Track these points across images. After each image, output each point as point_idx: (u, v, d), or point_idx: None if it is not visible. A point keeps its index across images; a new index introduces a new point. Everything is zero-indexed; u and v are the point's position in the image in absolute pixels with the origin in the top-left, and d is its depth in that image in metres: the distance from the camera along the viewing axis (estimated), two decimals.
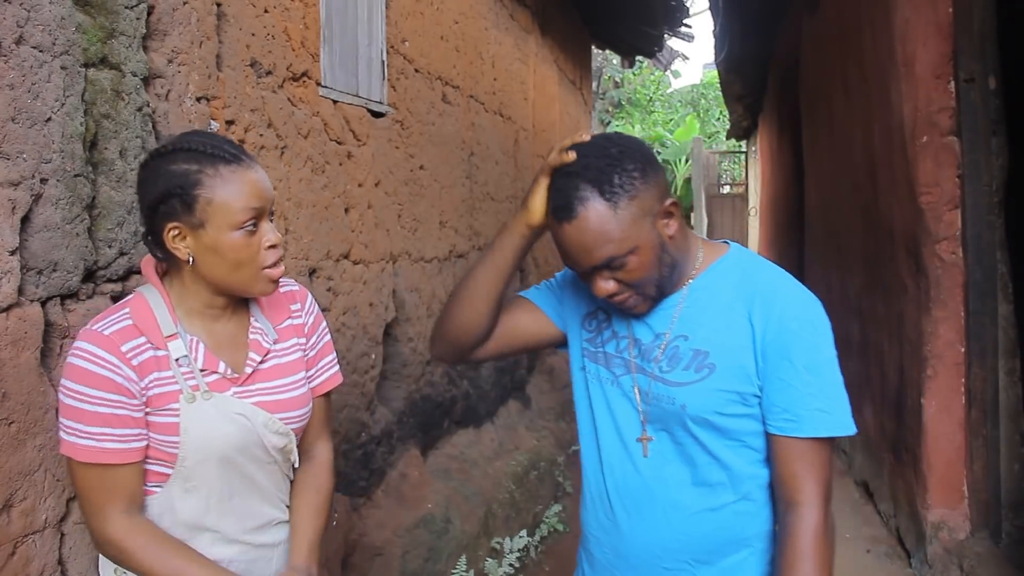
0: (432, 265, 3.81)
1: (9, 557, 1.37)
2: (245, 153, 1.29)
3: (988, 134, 3.07)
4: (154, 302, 1.28)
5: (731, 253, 1.35)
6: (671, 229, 1.26)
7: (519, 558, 3.61)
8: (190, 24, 1.93)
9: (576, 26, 8.08)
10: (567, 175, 1.23)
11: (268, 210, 1.28)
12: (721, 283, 1.31)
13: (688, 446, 1.30)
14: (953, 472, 3.19)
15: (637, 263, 1.23)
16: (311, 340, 1.46)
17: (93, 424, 1.20)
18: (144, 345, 1.24)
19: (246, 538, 1.36)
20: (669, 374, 1.30)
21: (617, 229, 1.20)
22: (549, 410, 5.64)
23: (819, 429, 1.23)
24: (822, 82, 5.19)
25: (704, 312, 1.30)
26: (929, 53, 3.13)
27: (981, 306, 3.10)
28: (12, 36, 1.37)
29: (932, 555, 3.18)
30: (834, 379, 1.25)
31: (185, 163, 1.22)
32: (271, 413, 1.34)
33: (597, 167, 1.21)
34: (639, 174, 1.21)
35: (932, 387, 3.20)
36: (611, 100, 17.89)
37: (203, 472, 1.29)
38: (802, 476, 1.24)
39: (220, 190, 1.22)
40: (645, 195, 1.22)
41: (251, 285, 1.29)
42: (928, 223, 3.15)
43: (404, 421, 3.44)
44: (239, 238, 1.24)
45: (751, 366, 1.26)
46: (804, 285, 1.31)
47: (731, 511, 1.31)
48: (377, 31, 3.15)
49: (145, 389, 1.24)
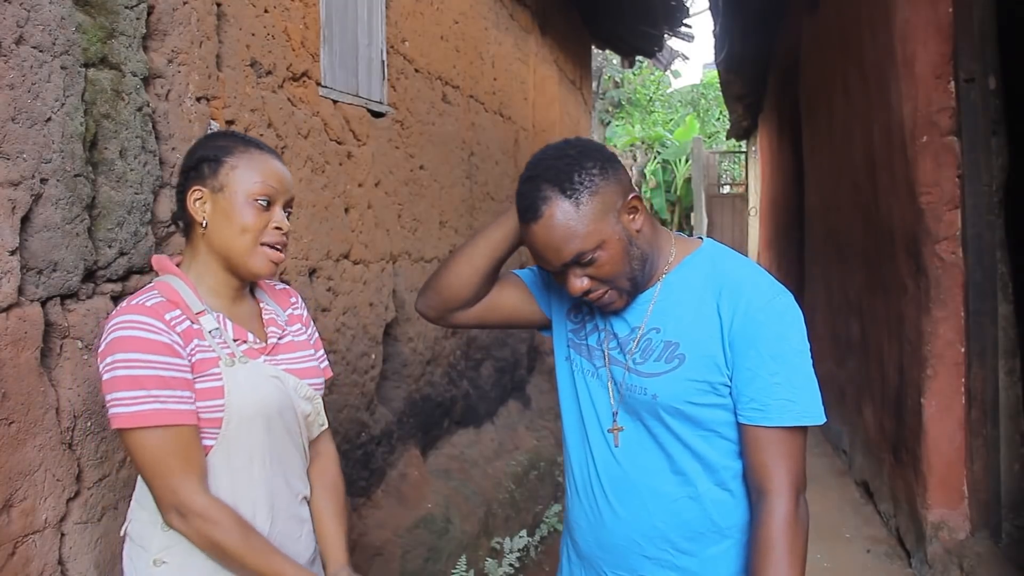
0: (432, 265, 3.81)
1: (9, 557, 1.37)
2: (278, 154, 1.41)
3: (988, 134, 3.07)
4: (178, 285, 1.33)
5: (704, 247, 1.39)
6: (637, 223, 1.30)
7: (519, 558, 3.61)
8: (190, 24, 1.93)
9: (576, 26, 8.08)
10: (530, 179, 1.28)
11: (285, 199, 1.37)
12: (692, 276, 1.34)
13: (661, 436, 1.33)
14: (953, 472, 3.19)
15: (606, 258, 1.27)
16: (308, 330, 1.53)
17: (155, 387, 1.23)
18: (181, 316, 1.30)
19: (286, 508, 1.39)
20: (642, 365, 1.33)
21: (581, 224, 1.24)
22: (549, 410, 5.64)
23: (785, 418, 1.25)
24: (822, 82, 5.19)
25: (676, 305, 1.33)
26: (929, 53, 3.13)
27: (981, 306, 3.10)
28: (12, 36, 1.37)
29: (932, 555, 3.18)
30: (802, 368, 1.27)
31: (224, 141, 1.38)
32: (299, 379, 1.41)
33: (557, 168, 1.26)
34: (598, 171, 1.26)
35: (932, 387, 3.20)
36: (611, 100, 17.89)
37: (245, 436, 1.32)
38: (772, 465, 1.26)
39: (245, 162, 1.34)
40: (606, 191, 1.26)
41: (250, 256, 1.34)
42: (928, 223, 3.15)
43: (404, 421, 3.44)
44: (251, 207, 1.32)
45: (720, 356, 1.28)
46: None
47: (709, 499, 1.33)
48: (377, 31, 3.15)
49: (190, 355, 1.29)
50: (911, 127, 3.20)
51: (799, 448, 1.28)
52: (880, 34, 3.57)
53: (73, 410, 1.52)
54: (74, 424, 1.52)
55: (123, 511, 1.66)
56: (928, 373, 3.19)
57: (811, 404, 1.27)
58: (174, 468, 1.24)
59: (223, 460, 1.31)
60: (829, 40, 4.84)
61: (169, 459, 1.24)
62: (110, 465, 1.63)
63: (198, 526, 1.24)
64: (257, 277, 1.38)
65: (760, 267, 1.37)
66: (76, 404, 1.53)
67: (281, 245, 1.36)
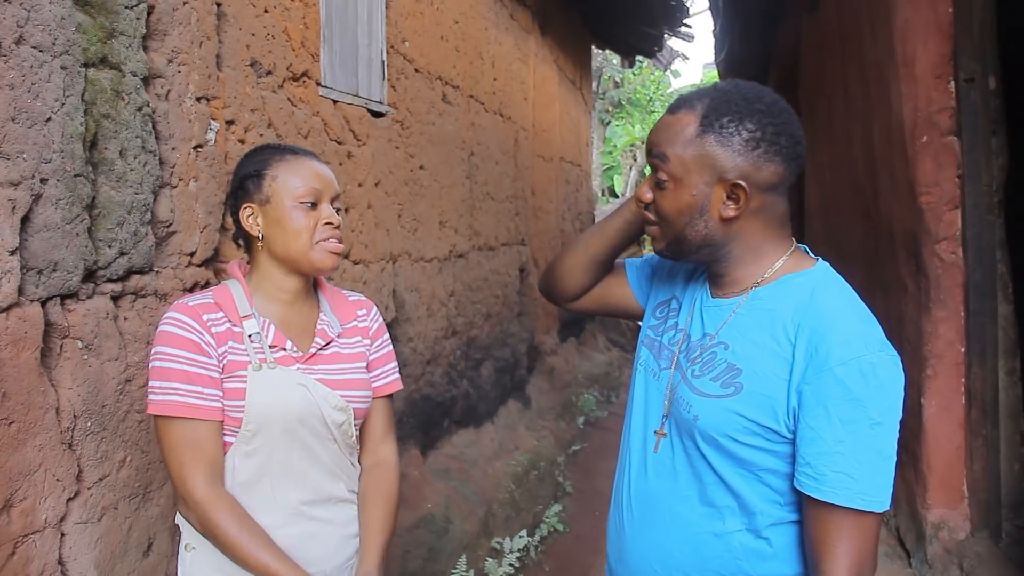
0: (432, 265, 3.81)
1: (9, 557, 1.37)
2: (314, 155, 1.48)
3: (988, 134, 3.07)
4: (235, 289, 1.44)
5: (813, 270, 1.21)
6: (727, 210, 1.16)
7: (519, 558, 3.61)
8: (190, 24, 1.93)
9: (576, 26, 8.08)
10: (713, 88, 1.19)
11: (330, 196, 1.44)
12: (783, 299, 1.18)
13: (696, 460, 1.21)
14: (953, 472, 3.19)
15: (671, 194, 1.18)
16: (375, 343, 1.57)
17: (178, 381, 1.33)
18: (222, 319, 1.39)
19: (302, 510, 1.42)
20: (698, 380, 1.21)
21: (681, 147, 1.16)
22: (549, 410, 5.64)
23: (839, 495, 1.07)
24: (822, 82, 5.19)
25: (754, 325, 1.18)
26: (929, 53, 3.13)
27: (981, 306, 3.10)
28: (12, 36, 1.37)
29: (932, 555, 3.18)
30: (874, 444, 1.08)
31: (260, 155, 1.45)
32: (332, 389, 1.43)
33: (730, 101, 1.15)
34: (748, 136, 1.13)
35: (932, 387, 3.20)
36: (611, 100, 17.88)
37: (264, 438, 1.38)
38: (830, 544, 1.09)
39: (284, 170, 1.41)
40: (729, 155, 1.14)
41: (308, 255, 1.41)
42: (928, 223, 3.16)
43: (404, 421, 3.44)
44: (299, 210, 1.40)
45: (781, 401, 1.12)
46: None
47: (738, 543, 1.18)
48: (377, 31, 3.15)
49: (222, 356, 1.37)
50: (911, 127, 3.20)
51: (867, 531, 1.09)
52: (880, 34, 3.57)
53: (73, 410, 1.52)
54: (74, 424, 1.52)
55: (123, 511, 1.67)
56: (928, 373, 3.20)
57: (874, 486, 1.08)
58: (185, 459, 1.32)
59: (242, 458, 1.38)
60: (829, 40, 4.85)
61: (182, 449, 1.32)
62: (110, 465, 1.63)
63: (199, 515, 1.32)
64: (323, 271, 1.45)
65: (867, 312, 1.17)
66: (76, 404, 1.53)
67: (336, 238, 1.43)
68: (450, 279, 4.05)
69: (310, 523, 1.43)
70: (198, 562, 1.39)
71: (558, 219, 7.24)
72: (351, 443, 1.49)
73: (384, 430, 1.58)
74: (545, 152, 6.68)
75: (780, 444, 1.14)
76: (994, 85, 3.07)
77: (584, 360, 7.44)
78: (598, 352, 8.19)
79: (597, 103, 16.52)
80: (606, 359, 7.98)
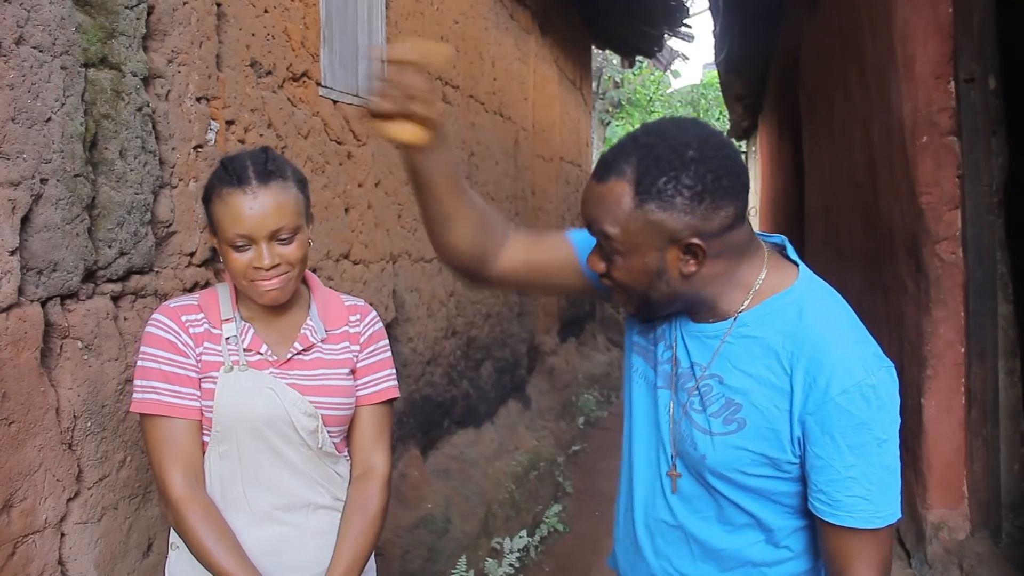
0: (432, 265, 3.81)
1: (9, 557, 1.37)
2: (267, 175, 1.35)
3: (988, 134, 3.07)
4: (221, 292, 1.45)
5: (795, 287, 1.16)
6: (687, 267, 1.10)
7: (519, 558, 3.61)
8: (190, 24, 1.93)
9: (576, 26, 8.08)
10: (633, 141, 1.10)
11: (267, 232, 1.33)
12: (771, 323, 1.14)
13: (711, 488, 1.20)
14: (953, 472, 3.19)
15: (622, 264, 1.11)
16: (365, 350, 1.52)
17: (156, 379, 1.36)
18: (201, 320, 1.41)
19: (275, 514, 1.41)
20: (698, 414, 1.17)
21: (624, 221, 1.08)
22: (549, 410, 5.64)
23: (856, 519, 1.10)
24: (822, 82, 5.19)
25: (745, 355, 1.14)
26: (929, 53, 3.12)
27: (981, 306, 3.10)
28: (12, 36, 1.37)
29: (932, 555, 3.18)
30: (881, 461, 1.11)
31: (214, 179, 1.39)
32: (302, 395, 1.41)
33: (658, 157, 1.06)
34: (690, 193, 1.05)
35: (932, 387, 3.19)
36: (611, 100, 17.88)
37: (234, 439, 1.39)
38: (849, 560, 1.12)
39: (219, 208, 1.36)
40: (675, 217, 1.06)
41: (248, 291, 1.39)
42: (928, 223, 3.15)
43: (404, 421, 3.44)
44: (230, 252, 1.36)
45: (785, 432, 1.11)
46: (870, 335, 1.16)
47: (759, 553, 1.21)
48: (377, 31, 3.15)
49: (199, 356, 1.39)
50: (911, 127, 3.20)
51: (884, 542, 1.13)
52: (880, 34, 3.57)
53: (73, 410, 1.52)
54: (74, 424, 1.52)
55: (123, 511, 1.67)
56: (928, 373, 3.19)
57: (886, 501, 1.12)
58: (164, 457, 1.35)
59: (217, 458, 1.40)
60: (829, 40, 4.85)
61: (161, 447, 1.35)
62: (110, 465, 1.63)
63: (173, 514, 1.35)
64: (267, 305, 1.40)
65: (857, 324, 1.16)
66: (76, 404, 1.53)
67: (270, 278, 1.35)
68: (450, 279, 4.05)
69: (282, 527, 1.41)
70: (180, 561, 1.41)
71: (558, 219, 7.24)
72: (328, 450, 1.45)
73: (373, 439, 1.51)
74: (545, 152, 6.69)
75: (789, 468, 1.14)
76: (994, 85, 3.07)
77: (584, 360, 7.44)
78: (598, 352, 8.19)
79: (597, 103, 16.52)
80: (606, 359, 7.98)
